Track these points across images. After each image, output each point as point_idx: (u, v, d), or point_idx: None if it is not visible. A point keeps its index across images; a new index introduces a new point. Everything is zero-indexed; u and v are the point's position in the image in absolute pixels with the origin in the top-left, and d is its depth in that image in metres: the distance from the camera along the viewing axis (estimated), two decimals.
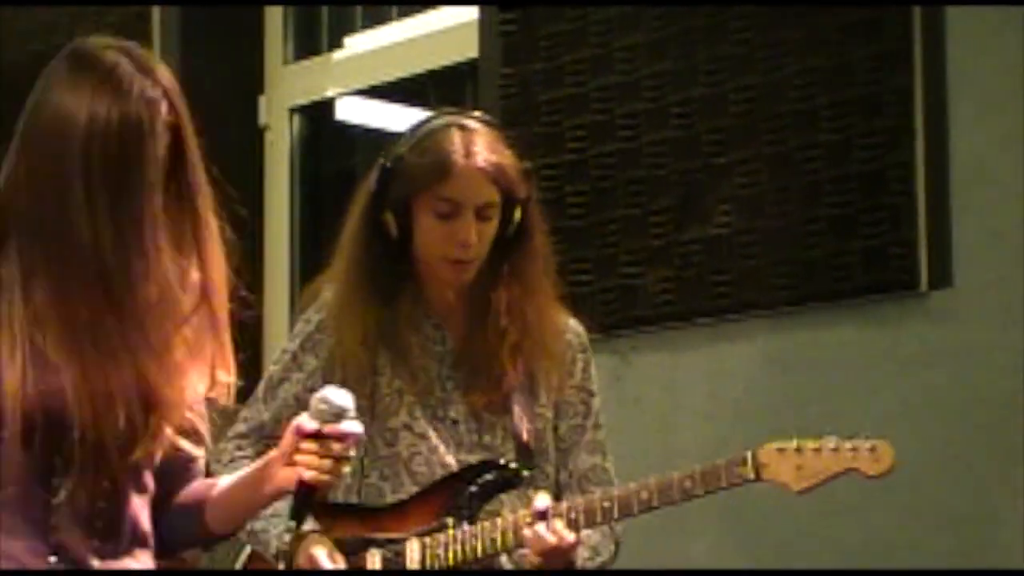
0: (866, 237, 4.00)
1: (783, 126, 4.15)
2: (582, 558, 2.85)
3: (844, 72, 4.06)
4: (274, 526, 2.88)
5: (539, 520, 2.75)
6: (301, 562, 2.83)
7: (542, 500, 2.79)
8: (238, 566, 3.01)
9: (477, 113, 3.03)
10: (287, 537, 2.85)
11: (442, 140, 2.90)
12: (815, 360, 4.14)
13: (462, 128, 2.91)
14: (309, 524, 2.88)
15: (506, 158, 2.92)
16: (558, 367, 2.96)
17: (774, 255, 4.16)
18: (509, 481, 2.89)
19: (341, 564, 2.82)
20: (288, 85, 5.54)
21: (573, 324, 3.04)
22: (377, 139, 5.31)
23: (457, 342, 2.95)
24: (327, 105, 5.49)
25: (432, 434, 2.90)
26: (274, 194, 5.54)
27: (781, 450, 2.71)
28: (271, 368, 3.04)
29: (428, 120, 2.95)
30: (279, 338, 5.41)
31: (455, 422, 2.92)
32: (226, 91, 5.49)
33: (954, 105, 3.91)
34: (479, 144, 2.89)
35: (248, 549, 3.01)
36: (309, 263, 5.45)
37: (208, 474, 4.61)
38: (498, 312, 2.93)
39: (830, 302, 4.10)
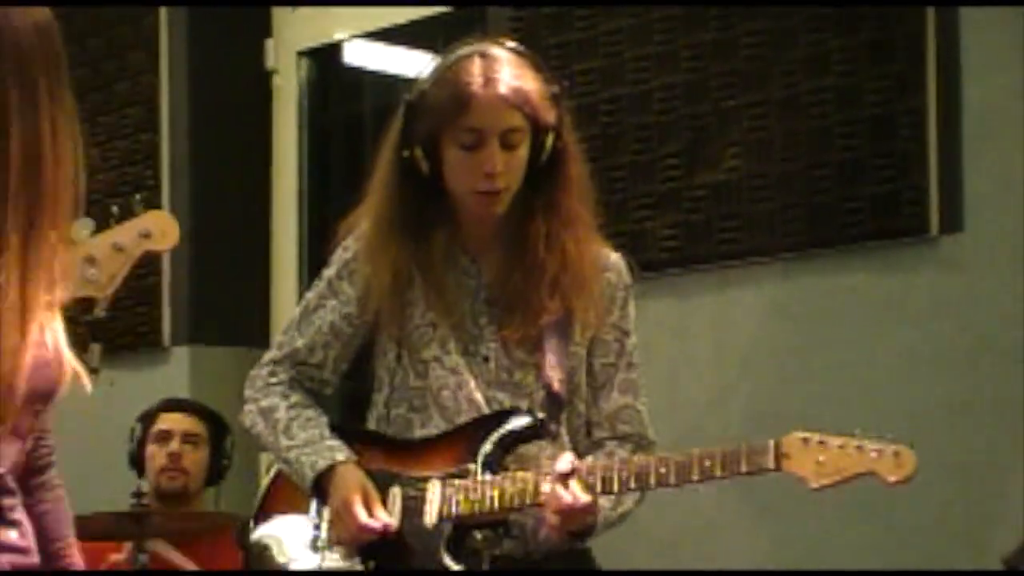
0: (876, 182, 3.98)
1: (793, 70, 4.12)
2: (604, 509, 2.83)
3: (854, 16, 4.03)
4: (306, 454, 2.89)
5: (561, 478, 2.74)
6: (336, 505, 2.84)
7: (564, 462, 2.77)
8: (263, 491, 3.01)
9: (506, 41, 2.97)
10: (321, 465, 2.87)
11: (461, 70, 2.85)
12: (823, 307, 4.13)
13: (484, 56, 2.86)
14: (343, 453, 2.88)
15: (530, 82, 2.85)
16: (596, 303, 2.91)
17: (783, 200, 4.14)
18: (536, 433, 2.87)
19: (378, 506, 2.81)
20: (295, 29, 5.51)
21: (615, 259, 2.98)
22: (385, 83, 5.28)
23: (492, 277, 2.92)
24: (335, 48, 5.46)
25: (463, 369, 2.89)
26: (282, 138, 5.52)
27: (805, 441, 2.67)
28: (307, 295, 3.03)
29: (452, 51, 2.91)
30: (287, 279, 5.42)
31: (486, 359, 2.89)
32: (233, 35, 5.47)
33: (967, 50, 3.88)
34: (500, 71, 2.84)
35: (272, 472, 3.00)
36: (317, 206, 5.44)
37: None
38: (535, 245, 2.88)
39: (839, 248, 4.08)
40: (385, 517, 2.83)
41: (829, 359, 4.06)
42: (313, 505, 2.91)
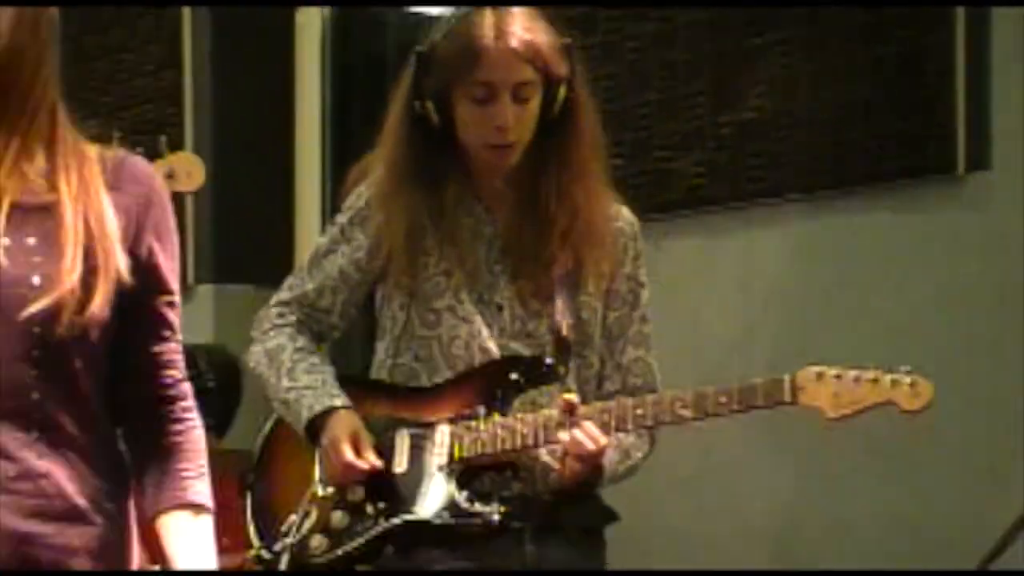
0: (903, 120, 3.95)
1: (818, 7, 4.09)
2: (612, 462, 2.84)
3: None
4: (305, 397, 2.90)
5: (568, 414, 2.74)
6: (324, 444, 2.84)
7: (572, 396, 2.77)
8: (262, 437, 3.02)
9: None
10: (317, 408, 2.88)
11: (473, 24, 2.85)
12: (848, 246, 4.11)
13: (495, 10, 2.85)
14: (341, 399, 2.89)
15: (541, 35, 2.85)
16: (608, 255, 2.91)
17: (809, 138, 4.12)
18: (546, 377, 2.87)
19: (366, 446, 2.82)
20: None
21: (625, 212, 2.98)
22: (407, 20, 5.26)
23: (505, 227, 2.92)
24: None
25: (477, 318, 2.89)
26: (304, 76, 5.50)
27: (820, 375, 2.68)
28: (319, 239, 3.03)
29: (466, 4, 2.90)
30: (310, 217, 5.42)
31: (500, 308, 2.89)
32: None
33: None
34: (511, 24, 2.83)
35: (272, 420, 3.01)
36: (339, 144, 5.43)
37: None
38: (546, 197, 2.88)
39: (865, 186, 4.06)
40: (373, 459, 2.83)
41: (854, 298, 4.04)
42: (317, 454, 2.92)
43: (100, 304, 2.01)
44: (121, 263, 2.04)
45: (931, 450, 3.95)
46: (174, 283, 2.15)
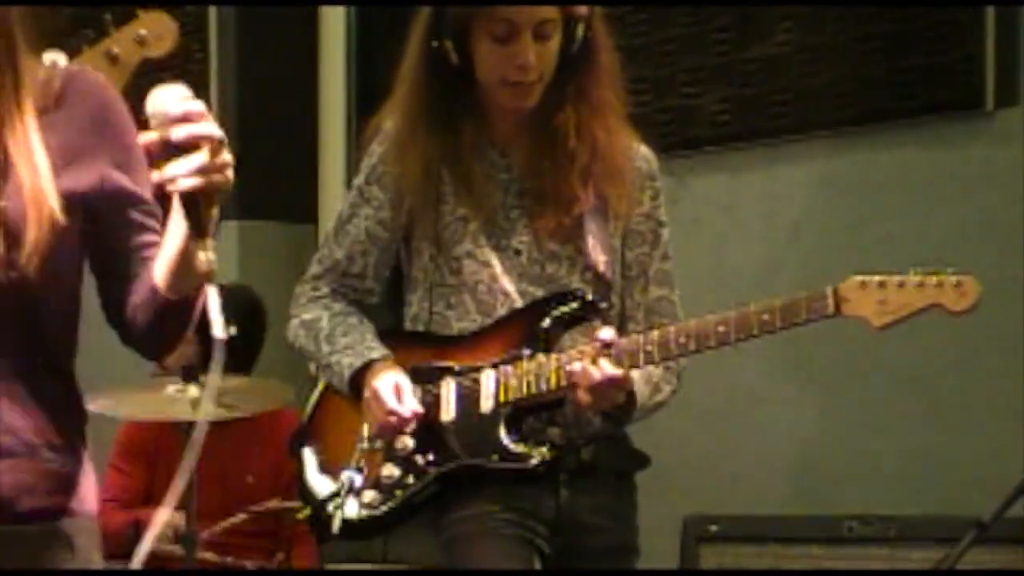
0: (929, 53, 3.91)
1: None
2: (643, 395, 2.83)
3: None
4: (345, 356, 2.89)
5: (603, 353, 2.73)
6: (366, 395, 2.84)
7: (606, 332, 2.76)
8: (312, 404, 3.02)
9: None
10: (357, 364, 2.87)
11: None
12: (874, 182, 4.09)
13: None
14: (379, 351, 2.87)
15: None
16: (628, 193, 2.89)
17: (834, 73, 4.09)
18: (586, 313, 2.86)
19: (407, 394, 2.82)
20: None
21: (644, 151, 2.95)
22: None
23: (523, 169, 2.90)
24: None
25: (495, 262, 2.88)
26: (331, 14, 5.47)
27: (864, 284, 2.62)
28: (341, 206, 3.02)
29: None
30: (334, 153, 5.41)
31: (517, 252, 2.88)
32: None
33: None
34: None
35: (321, 386, 3.01)
36: (364, 78, 5.41)
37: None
38: (565, 135, 2.86)
39: (891, 121, 4.03)
40: (416, 405, 2.83)
41: (879, 234, 4.03)
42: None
43: (33, 241, 1.95)
44: (53, 201, 1.96)
45: (956, 386, 3.94)
46: (146, 192, 2.08)
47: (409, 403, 2.82)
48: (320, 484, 2.92)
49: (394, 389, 2.82)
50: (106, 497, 4.38)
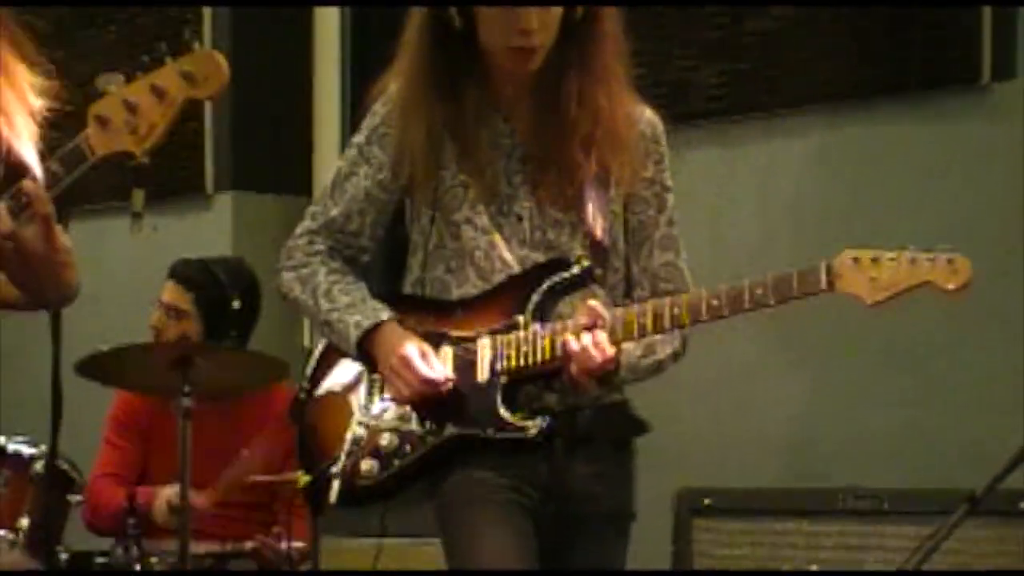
0: (926, 27, 3.91)
1: None
2: (632, 355, 2.83)
3: None
4: (349, 315, 2.88)
5: (593, 322, 2.73)
6: (393, 362, 2.85)
7: (595, 303, 2.75)
8: (313, 363, 3.01)
9: None
10: (366, 324, 2.87)
11: None
12: (870, 157, 4.09)
13: None
14: (387, 312, 2.88)
15: None
16: (631, 159, 2.86)
17: (830, 47, 4.08)
18: (582, 280, 2.85)
19: (434, 359, 2.82)
20: None
21: (648, 115, 2.93)
22: None
23: (525, 135, 2.88)
24: None
25: (493, 229, 2.87)
26: None
27: (857, 260, 2.60)
28: (339, 163, 3.01)
29: None
30: (330, 125, 5.40)
31: (520, 218, 2.87)
32: None
33: None
34: None
35: (321, 347, 3.01)
36: (360, 50, 5.40)
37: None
38: (568, 102, 2.83)
39: (887, 95, 4.02)
40: (446, 371, 2.83)
41: (875, 209, 4.03)
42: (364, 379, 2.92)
43: None
44: None
45: (947, 364, 3.95)
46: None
47: (440, 368, 2.83)
48: (318, 451, 2.92)
49: (422, 355, 2.82)
50: (101, 472, 4.39)
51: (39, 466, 3.51)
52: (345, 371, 2.95)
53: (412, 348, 2.82)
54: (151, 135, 2.46)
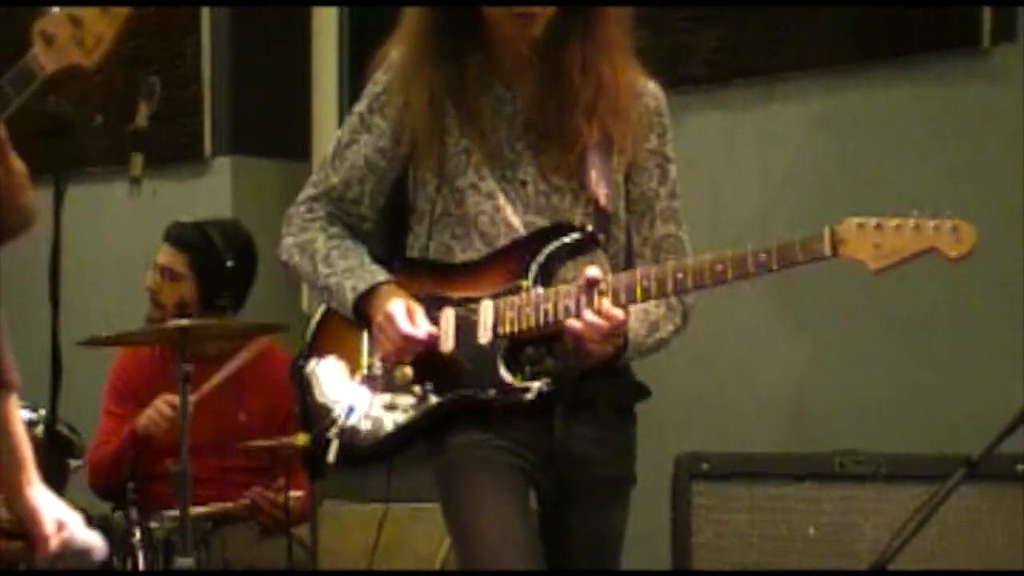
0: None
1: None
2: (639, 335, 2.83)
3: None
4: (347, 279, 2.89)
5: (587, 292, 2.73)
6: (379, 320, 2.85)
7: (593, 269, 2.76)
8: (312, 327, 3.02)
9: None
10: (361, 287, 2.88)
11: None
12: (870, 121, 4.08)
13: None
14: (383, 275, 2.89)
15: None
16: (633, 129, 2.87)
17: (831, 11, 4.07)
18: (585, 244, 2.84)
19: (420, 317, 2.82)
20: None
21: (652, 87, 2.93)
22: None
23: (528, 103, 2.88)
24: None
25: (499, 194, 2.87)
26: None
27: (861, 226, 2.60)
28: (340, 131, 3.01)
29: None
30: (328, 90, 5.39)
31: (523, 183, 2.87)
32: None
33: None
34: None
35: (320, 311, 3.01)
36: (359, 17, 5.38)
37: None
38: (570, 71, 2.83)
39: (887, 59, 4.01)
40: (429, 327, 2.84)
41: (875, 173, 4.02)
42: (364, 338, 2.92)
43: None
44: None
45: (948, 329, 3.95)
46: None
47: (424, 326, 2.83)
48: (318, 411, 2.93)
49: (407, 312, 2.82)
50: (102, 441, 4.39)
51: (39, 431, 3.51)
52: (345, 333, 2.96)
53: (398, 305, 2.83)
54: (99, 47, 2.42)
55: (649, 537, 3.47)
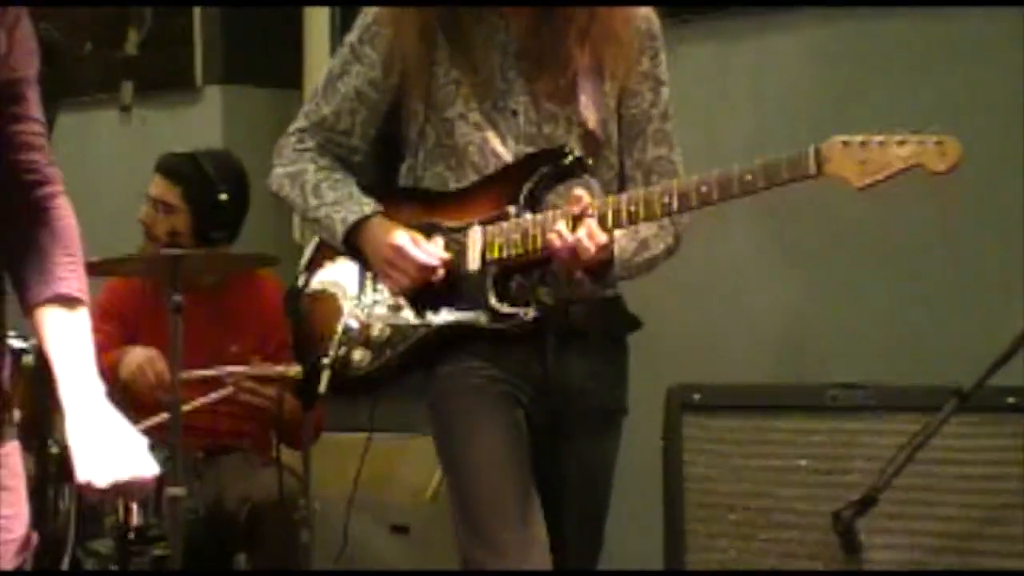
0: None
1: None
2: (626, 252, 2.83)
3: None
4: (336, 211, 2.89)
5: (574, 216, 2.72)
6: (387, 254, 2.85)
7: (582, 191, 2.75)
8: (306, 256, 3.02)
9: None
10: (351, 219, 2.87)
11: None
12: (863, 52, 4.06)
13: None
14: (371, 205, 2.89)
15: None
16: (625, 53, 2.86)
17: None
18: (572, 170, 2.84)
19: (427, 244, 2.82)
20: None
21: (645, 11, 2.92)
22: None
23: (520, 30, 2.87)
24: None
25: (486, 124, 2.86)
26: None
27: (846, 144, 2.58)
28: (331, 62, 3.00)
29: None
30: (319, 18, 5.35)
31: (514, 112, 2.86)
32: None
33: None
34: None
35: (315, 242, 3.01)
36: None
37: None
38: None
39: None
40: (441, 252, 2.83)
41: (869, 104, 4.00)
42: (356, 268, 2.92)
43: None
44: None
45: (940, 264, 3.95)
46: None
47: (435, 251, 2.83)
48: (312, 341, 2.93)
49: (413, 241, 2.82)
50: None
51: (30, 359, 3.50)
52: (338, 264, 2.96)
53: (403, 236, 2.83)
54: None
55: (641, 468, 3.48)
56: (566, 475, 2.87)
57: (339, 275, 2.95)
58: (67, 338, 2.16)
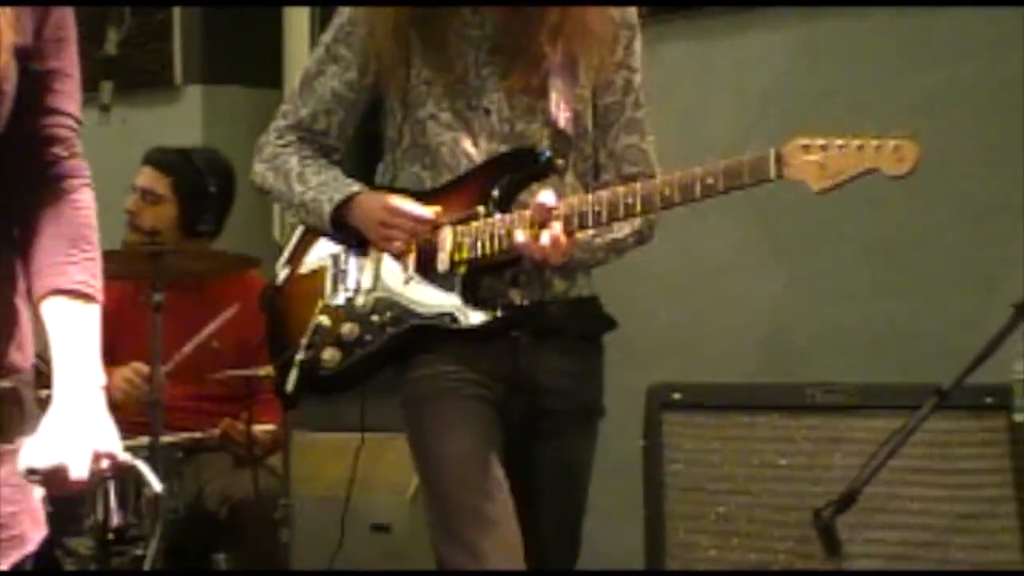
0: None
1: None
2: (587, 233, 2.80)
3: None
4: (322, 193, 2.89)
5: (539, 218, 2.71)
6: (382, 217, 2.82)
7: (546, 196, 2.75)
8: (285, 254, 3.01)
9: None
10: (338, 198, 2.87)
11: None
12: (845, 48, 4.06)
13: None
14: (358, 186, 2.89)
15: None
16: (600, 46, 2.87)
17: None
18: (543, 170, 2.84)
19: (410, 200, 2.84)
20: None
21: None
22: None
23: (495, 26, 2.87)
24: None
25: (457, 124, 2.86)
26: None
27: (806, 147, 2.58)
28: (307, 63, 3.00)
29: None
30: (299, 17, 5.34)
31: (487, 111, 2.86)
32: None
33: None
34: None
35: (296, 235, 3.00)
36: None
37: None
38: None
39: None
40: (427, 211, 2.82)
41: (851, 101, 4.01)
42: (330, 265, 2.91)
43: None
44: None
45: (923, 257, 3.95)
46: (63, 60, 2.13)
47: (426, 209, 2.82)
48: (285, 340, 2.93)
49: (404, 201, 2.82)
50: None
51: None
52: (314, 262, 2.95)
53: (392, 196, 2.83)
54: None
55: (622, 467, 3.48)
56: (542, 475, 2.87)
57: (314, 274, 2.94)
58: (69, 330, 2.15)
